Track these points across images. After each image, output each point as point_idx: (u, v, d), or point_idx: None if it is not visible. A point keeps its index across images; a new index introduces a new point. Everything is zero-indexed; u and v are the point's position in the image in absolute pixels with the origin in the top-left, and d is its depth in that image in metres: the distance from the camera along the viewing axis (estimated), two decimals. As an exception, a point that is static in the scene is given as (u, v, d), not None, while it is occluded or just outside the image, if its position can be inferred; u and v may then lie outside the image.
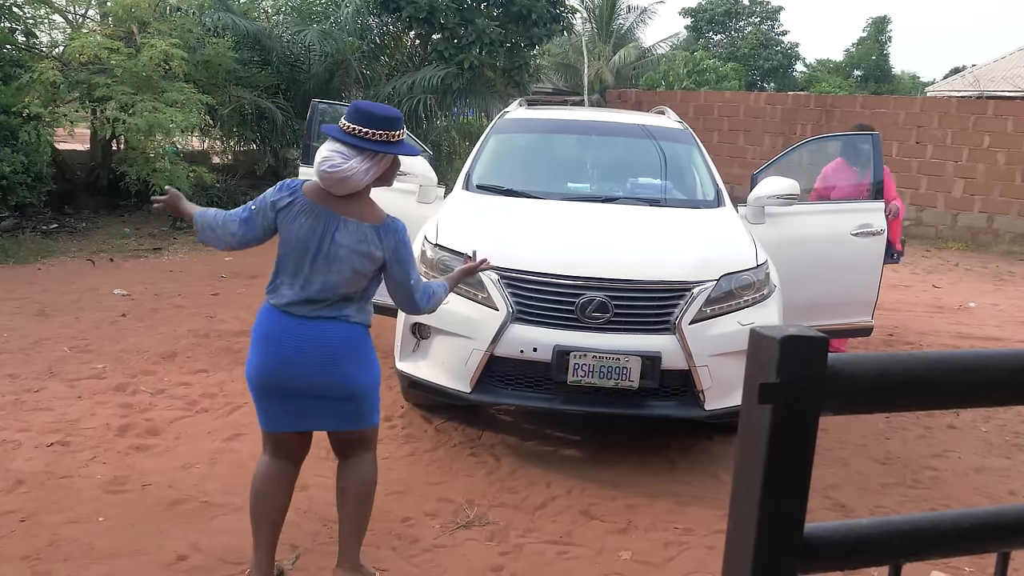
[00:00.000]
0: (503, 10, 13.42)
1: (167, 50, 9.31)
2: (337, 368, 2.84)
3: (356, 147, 2.76)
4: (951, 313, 8.21)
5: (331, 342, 2.84)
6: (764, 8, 44.69)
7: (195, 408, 4.73)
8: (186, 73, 9.80)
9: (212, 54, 10.53)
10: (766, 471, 0.79)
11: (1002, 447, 4.84)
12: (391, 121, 2.79)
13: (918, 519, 0.90)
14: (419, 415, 4.76)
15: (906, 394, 0.85)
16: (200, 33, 10.69)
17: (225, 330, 6.24)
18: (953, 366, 0.86)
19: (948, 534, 0.90)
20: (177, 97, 9.47)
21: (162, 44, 9.34)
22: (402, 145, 2.86)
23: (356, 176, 2.76)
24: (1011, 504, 0.94)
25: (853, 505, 3.99)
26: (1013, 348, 0.93)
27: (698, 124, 14.32)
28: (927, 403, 0.88)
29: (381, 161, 2.81)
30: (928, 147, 12.96)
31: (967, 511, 0.92)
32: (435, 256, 4.30)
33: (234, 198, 11.33)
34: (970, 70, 25.07)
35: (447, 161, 12.87)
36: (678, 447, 4.52)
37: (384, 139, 2.77)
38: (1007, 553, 0.96)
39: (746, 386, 0.81)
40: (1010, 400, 0.96)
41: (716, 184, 5.29)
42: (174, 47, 9.39)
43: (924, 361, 0.85)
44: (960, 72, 28.11)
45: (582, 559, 3.38)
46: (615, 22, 28.96)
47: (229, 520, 3.52)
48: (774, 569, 0.82)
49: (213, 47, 10.55)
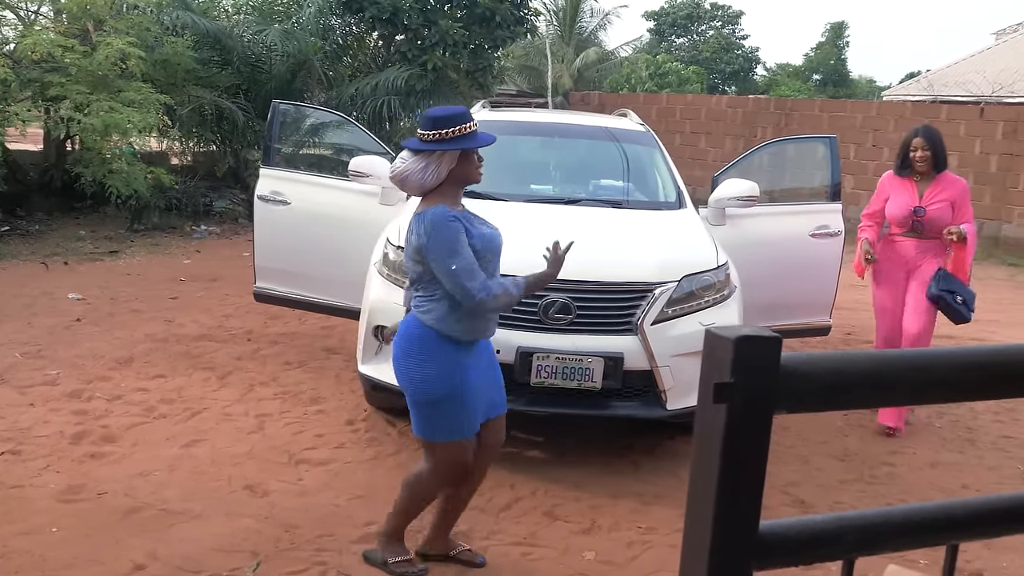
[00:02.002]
0: (467, 12, 13.41)
1: (124, 48, 9.15)
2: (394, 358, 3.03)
3: (412, 149, 2.96)
4: (907, 313, 8.34)
5: (399, 333, 3.04)
6: (725, 12, 45.17)
7: (153, 414, 4.65)
8: (143, 72, 9.64)
9: (171, 53, 10.38)
10: (721, 470, 0.80)
11: (955, 442, 4.94)
12: (440, 120, 2.91)
13: (870, 514, 0.91)
14: (382, 419, 4.73)
15: (859, 392, 0.87)
16: (158, 32, 10.53)
17: (184, 334, 6.15)
18: (904, 365, 0.87)
19: (899, 528, 0.92)
20: (134, 97, 9.31)
21: (118, 42, 9.17)
22: (459, 140, 2.93)
23: (413, 176, 2.93)
24: (959, 498, 0.96)
25: (813, 501, 4.05)
26: (962, 346, 0.95)
27: (660, 126, 14.42)
28: (879, 401, 0.90)
29: (440, 159, 2.92)
30: (884, 150, 13.19)
31: (917, 505, 0.94)
32: (398, 258, 4.28)
33: (193, 199, 11.20)
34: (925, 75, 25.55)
35: (411, 163, 12.79)
36: (641, 447, 4.54)
37: (436, 138, 2.90)
38: (955, 545, 0.98)
39: (701, 386, 0.82)
40: (959, 397, 0.98)
41: (677, 186, 5.33)
42: (131, 46, 9.22)
43: (876, 360, 0.87)
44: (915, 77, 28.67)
45: (547, 560, 3.39)
46: (578, 25, 29.09)
47: (188, 528, 3.47)
48: (730, 566, 0.83)
49: (172, 46, 10.40)
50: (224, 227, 11.08)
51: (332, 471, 4.08)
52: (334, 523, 3.57)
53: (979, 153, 12.58)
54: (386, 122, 12.64)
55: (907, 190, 4.96)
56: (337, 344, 6.08)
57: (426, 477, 3.08)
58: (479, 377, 3.03)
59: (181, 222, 10.83)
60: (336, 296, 5.26)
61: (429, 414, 2.97)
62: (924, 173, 4.93)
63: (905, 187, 4.98)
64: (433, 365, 2.93)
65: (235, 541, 3.38)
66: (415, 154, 2.94)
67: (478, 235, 2.93)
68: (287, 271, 5.38)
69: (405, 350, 2.98)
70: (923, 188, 4.93)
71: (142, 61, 9.39)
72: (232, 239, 10.52)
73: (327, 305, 5.39)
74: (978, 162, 12.60)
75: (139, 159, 10.33)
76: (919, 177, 4.95)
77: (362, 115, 12.11)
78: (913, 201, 4.91)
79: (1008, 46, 24.48)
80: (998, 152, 12.43)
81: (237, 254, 9.28)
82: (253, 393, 5.05)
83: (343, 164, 5.65)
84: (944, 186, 4.90)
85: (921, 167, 4.91)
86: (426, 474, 3.07)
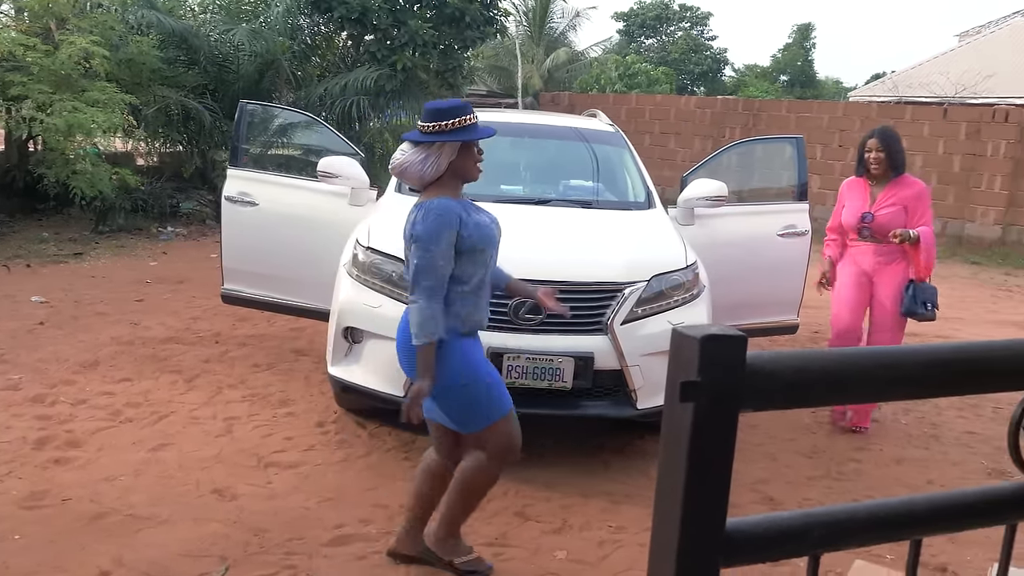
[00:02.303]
0: (436, 12, 13.38)
1: (87, 48, 9.01)
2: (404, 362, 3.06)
3: (412, 141, 2.98)
4: (873, 311, 8.46)
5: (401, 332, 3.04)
6: (694, 14, 45.55)
7: (119, 418, 4.59)
8: (108, 72, 9.50)
9: (136, 52, 10.25)
10: (688, 468, 0.80)
11: (920, 438, 5.02)
12: (440, 112, 2.93)
13: (836, 510, 0.92)
14: (352, 420, 4.70)
15: (823, 390, 0.87)
16: (123, 31, 10.39)
17: (150, 337, 6.08)
18: (868, 362, 0.88)
19: (864, 524, 0.93)
20: (98, 97, 9.17)
21: (82, 41, 9.04)
22: (458, 132, 2.93)
23: (412, 167, 2.95)
24: (922, 494, 0.97)
25: (781, 498, 4.08)
26: (925, 344, 0.96)
27: (630, 127, 14.49)
28: (844, 398, 0.91)
29: (440, 151, 2.93)
30: (851, 150, 13.33)
31: (882, 501, 0.95)
32: (367, 259, 4.26)
33: (159, 201, 11.06)
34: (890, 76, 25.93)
35: (381, 164, 12.75)
36: (611, 447, 4.56)
37: (435, 130, 2.91)
38: (919, 540, 0.99)
39: (668, 385, 0.82)
40: (923, 393, 0.99)
41: (647, 186, 5.36)
42: (95, 45, 9.09)
43: (840, 358, 0.88)
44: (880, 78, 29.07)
45: (518, 560, 3.39)
46: (548, 25, 29.15)
47: (155, 533, 3.42)
48: (697, 564, 0.83)
49: (137, 45, 10.27)
50: (191, 228, 10.96)
51: (302, 474, 4.05)
52: (304, 526, 3.54)
53: (942, 153, 12.79)
54: (355, 122, 12.58)
55: (861, 195, 4.91)
56: (306, 346, 6.04)
57: (486, 465, 3.04)
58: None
59: (147, 223, 10.70)
60: (305, 298, 5.23)
61: (467, 400, 2.97)
62: (879, 176, 4.85)
63: (860, 191, 4.92)
64: (447, 357, 2.93)
65: (203, 546, 3.34)
66: (415, 146, 2.96)
67: (473, 224, 2.93)
68: (255, 273, 5.33)
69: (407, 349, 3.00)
70: (877, 192, 4.86)
71: (106, 60, 9.26)
72: (199, 241, 10.41)
73: (296, 307, 5.36)
74: (942, 162, 12.81)
75: (104, 160, 10.16)
76: (874, 180, 4.89)
77: (331, 115, 12.05)
78: (863, 206, 4.86)
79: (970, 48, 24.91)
80: (961, 152, 12.65)
81: (204, 256, 9.18)
82: (221, 396, 5.00)
83: (312, 165, 5.62)
84: (898, 189, 4.81)
85: (875, 169, 4.83)
86: (485, 462, 3.04)
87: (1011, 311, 8.87)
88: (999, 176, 12.32)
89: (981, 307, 9.02)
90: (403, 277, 4.11)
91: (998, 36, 25.40)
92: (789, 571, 3.31)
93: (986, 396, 5.26)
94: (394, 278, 4.12)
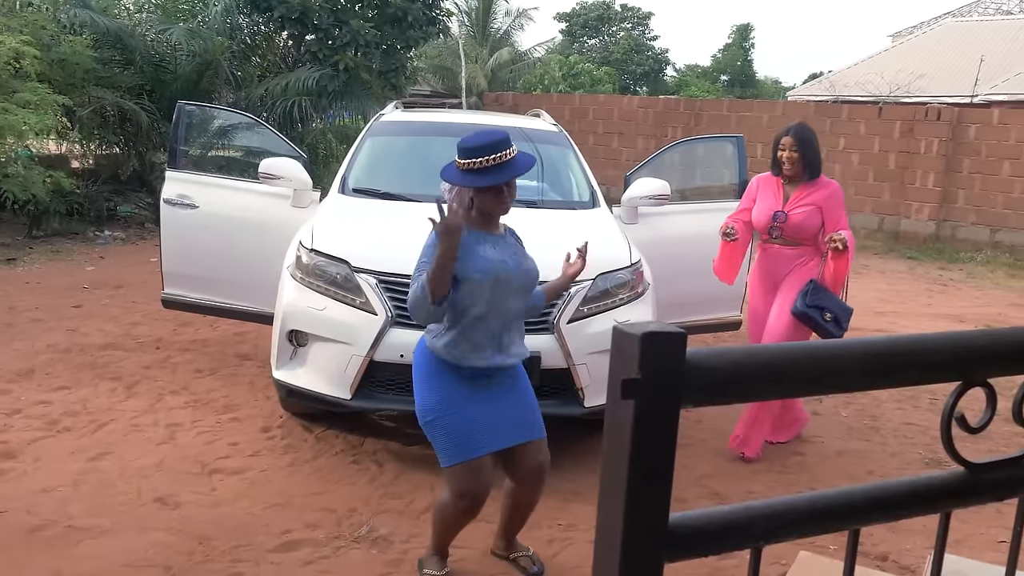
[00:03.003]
0: (378, 12, 13.29)
1: (17, 48, 8.73)
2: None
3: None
4: (813, 306, 8.64)
5: None
6: (635, 14, 45.99)
7: (56, 427, 4.47)
8: (39, 72, 9.23)
9: (69, 52, 9.97)
10: (630, 464, 0.81)
11: (861, 431, 5.14)
12: (461, 150, 2.93)
13: (776, 503, 0.93)
14: (299, 424, 4.65)
15: (761, 384, 0.89)
16: (55, 30, 10.10)
17: (88, 344, 5.92)
18: (803, 357, 0.90)
19: (804, 516, 0.94)
20: (30, 98, 8.90)
21: (12, 41, 8.76)
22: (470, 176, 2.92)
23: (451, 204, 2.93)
24: (859, 485, 1.00)
25: (727, 492, 4.15)
26: (859, 337, 0.98)
27: (574, 127, 14.58)
28: (781, 392, 0.92)
29: (452, 189, 2.99)
30: (789, 148, 13.65)
31: (820, 493, 0.97)
32: (310, 261, 4.21)
33: (96, 204, 10.79)
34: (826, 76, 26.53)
35: (324, 165, 12.63)
36: (559, 446, 4.56)
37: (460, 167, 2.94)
38: (857, 530, 1.01)
39: (610, 383, 0.82)
40: (859, 386, 1.01)
41: (591, 185, 5.40)
42: (25, 44, 8.82)
43: (777, 353, 0.89)
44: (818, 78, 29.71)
45: (468, 560, 3.38)
46: (491, 25, 29.18)
47: (96, 544, 3.34)
48: (642, 559, 0.84)
49: (70, 45, 9.99)
50: (130, 232, 10.71)
51: (247, 480, 3.99)
52: (250, 533, 3.49)
53: (878, 151, 13.12)
54: (297, 123, 12.44)
55: (773, 193, 4.57)
56: (251, 350, 5.94)
57: (442, 502, 3.12)
58: (493, 401, 3.02)
59: (84, 227, 10.43)
60: (248, 301, 5.15)
61: (432, 436, 3.01)
62: (792, 176, 4.50)
63: (772, 190, 4.59)
64: (431, 389, 2.99)
65: (146, 556, 3.27)
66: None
67: (471, 254, 2.92)
68: (197, 276, 5.24)
69: (414, 373, 3.09)
70: (790, 191, 4.52)
71: (37, 60, 8.99)
72: (138, 244, 10.18)
73: (239, 310, 5.27)
74: (877, 160, 13.14)
75: (37, 162, 9.88)
76: (788, 180, 4.54)
77: (272, 116, 11.89)
78: (775, 205, 4.52)
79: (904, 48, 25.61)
80: (896, 150, 12.99)
81: (144, 260, 8.98)
82: (163, 403, 4.90)
83: (253, 166, 5.54)
84: (813, 189, 4.47)
85: (788, 170, 4.48)
86: (446, 498, 3.09)
87: (945, 304, 9.14)
88: (932, 173, 12.68)
89: (917, 301, 9.28)
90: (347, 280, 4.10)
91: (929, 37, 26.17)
92: (735, 563, 3.36)
93: (923, 388, 5.42)
94: (338, 280, 4.09)
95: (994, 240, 12.41)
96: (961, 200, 12.66)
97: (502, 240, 3.08)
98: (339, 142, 13.50)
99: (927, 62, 21.89)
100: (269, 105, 12.13)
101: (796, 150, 4.44)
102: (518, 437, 3.07)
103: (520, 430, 3.07)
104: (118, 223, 10.93)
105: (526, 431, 3.10)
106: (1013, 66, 20.28)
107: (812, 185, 4.49)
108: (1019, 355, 1.01)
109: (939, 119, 12.63)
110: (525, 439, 3.09)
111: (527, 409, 3.12)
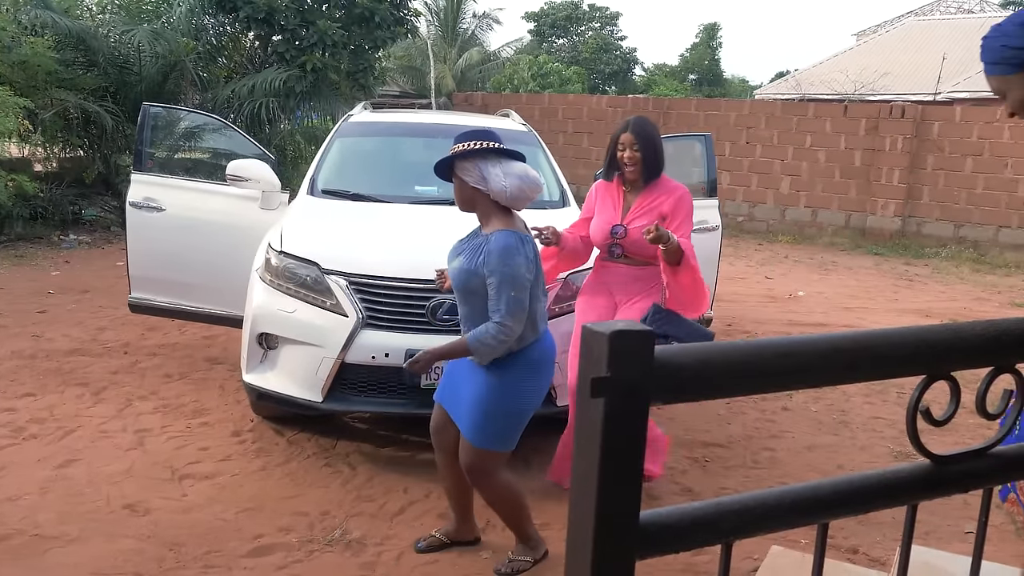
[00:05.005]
0: (345, 12, 13.22)
1: (-23, 50, 8.61)
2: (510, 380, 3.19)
3: None
4: (782, 302, 8.74)
5: None
6: (603, 14, 46.14)
7: (22, 435, 4.39)
8: (0, 75, 9.09)
9: (30, 54, 9.81)
10: (601, 462, 0.81)
11: (830, 425, 5.20)
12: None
13: (745, 498, 0.94)
14: (270, 428, 4.61)
15: (728, 381, 0.90)
16: (15, 31, 9.93)
17: (54, 349, 5.83)
18: (768, 353, 0.91)
19: (773, 511, 0.95)
20: (-10, 101, 8.77)
21: (-29, 43, 8.63)
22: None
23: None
24: (827, 479, 1.01)
25: (700, 489, 4.17)
26: (824, 333, 0.99)
27: (543, 126, 14.60)
28: (747, 388, 0.93)
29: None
30: (757, 147, 13.78)
31: (789, 488, 0.98)
32: (280, 263, 4.18)
33: (60, 208, 10.62)
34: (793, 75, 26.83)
35: (292, 166, 12.54)
36: (532, 445, 4.57)
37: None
38: (826, 524, 1.02)
39: (580, 381, 0.83)
40: (824, 381, 1.02)
41: (561, 185, 5.41)
42: (-15, 46, 8.70)
43: (742, 350, 0.90)
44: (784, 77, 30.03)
45: (443, 562, 3.38)
46: (460, 26, 29.14)
47: (64, 553, 3.29)
48: (613, 557, 0.84)
49: (31, 46, 9.83)
50: (95, 236, 10.56)
51: (218, 484, 3.95)
52: (222, 538, 3.46)
53: (844, 149, 13.27)
54: (265, 125, 12.34)
55: (612, 203, 3.92)
56: (220, 354, 5.89)
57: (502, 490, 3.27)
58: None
59: (48, 232, 10.27)
60: (217, 304, 5.10)
61: (487, 419, 3.07)
62: (635, 180, 3.86)
63: (612, 199, 3.93)
64: (515, 373, 3.11)
65: (116, 563, 3.23)
66: None
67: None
68: (164, 280, 5.18)
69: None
70: (632, 199, 3.88)
71: (-2, 62, 8.86)
72: (104, 248, 10.04)
73: (208, 314, 5.22)
74: (843, 157, 13.29)
75: (-2, 166, 9.73)
76: (629, 186, 3.90)
77: (239, 118, 11.78)
78: (615, 218, 3.86)
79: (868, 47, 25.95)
80: (861, 147, 13.15)
81: (110, 264, 8.86)
82: (131, 408, 4.83)
83: (221, 168, 5.48)
84: (655, 195, 3.83)
85: (631, 172, 3.83)
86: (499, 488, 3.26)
87: (911, 299, 9.27)
88: (897, 170, 12.85)
89: (884, 296, 9.40)
90: (317, 282, 4.07)
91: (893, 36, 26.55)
92: (708, 559, 3.39)
93: (891, 382, 5.48)
94: (308, 282, 4.06)
95: (958, 235, 12.61)
96: (925, 196, 12.84)
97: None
98: (307, 143, 13.41)
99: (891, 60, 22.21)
100: (236, 106, 12.02)
101: (637, 148, 3.79)
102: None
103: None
104: (83, 227, 10.78)
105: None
106: (974, 64, 20.61)
107: (655, 190, 3.84)
108: (981, 349, 1.03)
109: (903, 117, 12.81)
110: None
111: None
